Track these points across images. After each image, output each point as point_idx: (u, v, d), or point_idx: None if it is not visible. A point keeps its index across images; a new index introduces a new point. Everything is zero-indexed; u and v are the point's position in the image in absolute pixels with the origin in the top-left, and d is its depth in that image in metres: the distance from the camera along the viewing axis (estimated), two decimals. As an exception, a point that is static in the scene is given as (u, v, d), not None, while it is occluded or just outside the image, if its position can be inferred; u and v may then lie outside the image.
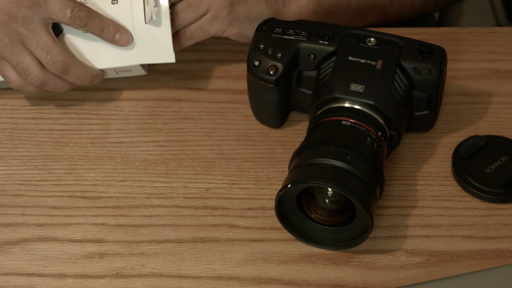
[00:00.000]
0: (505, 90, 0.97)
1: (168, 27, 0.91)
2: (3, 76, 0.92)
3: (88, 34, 0.91)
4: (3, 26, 0.89)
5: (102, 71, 0.93)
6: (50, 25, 0.90)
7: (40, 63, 0.90)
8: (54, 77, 0.91)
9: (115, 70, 0.94)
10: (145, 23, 0.91)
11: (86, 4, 0.91)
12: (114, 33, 0.91)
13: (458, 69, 0.99)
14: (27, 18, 0.88)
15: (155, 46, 0.92)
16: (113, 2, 0.92)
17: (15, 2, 0.88)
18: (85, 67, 0.91)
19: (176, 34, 0.94)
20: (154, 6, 0.90)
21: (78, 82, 0.92)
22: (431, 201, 0.87)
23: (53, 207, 0.88)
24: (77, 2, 0.90)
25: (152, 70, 0.99)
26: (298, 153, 0.82)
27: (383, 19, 1.05)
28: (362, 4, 1.02)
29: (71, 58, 0.90)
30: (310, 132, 0.85)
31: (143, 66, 0.95)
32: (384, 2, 1.03)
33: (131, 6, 0.92)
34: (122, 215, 0.87)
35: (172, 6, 0.92)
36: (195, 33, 0.95)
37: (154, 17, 0.90)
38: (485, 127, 0.93)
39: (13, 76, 0.91)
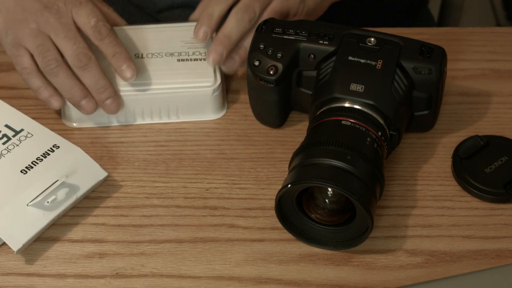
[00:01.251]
0: (505, 90, 0.97)
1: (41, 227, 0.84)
2: (15, 62, 0.91)
3: None
4: (35, 14, 0.90)
5: (117, 96, 0.91)
6: None
7: (60, 52, 0.90)
8: (68, 70, 0.90)
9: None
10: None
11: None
12: (122, 62, 0.90)
13: (458, 69, 0.99)
14: (61, 12, 0.90)
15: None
16: (23, 171, 0.86)
17: None
18: (102, 74, 0.90)
19: None
20: (48, 203, 0.84)
21: (89, 87, 0.90)
22: (431, 201, 0.87)
23: (53, 207, 0.88)
24: (104, 19, 0.91)
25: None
26: (298, 153, 0.82)
27: None
28: None
29: (94, 58, 0.90)
30: (310, 132, 0.85)
31: None
32: None
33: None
34: (122, 215, 0.87)
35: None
36: None
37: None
38: (485, 127, 0.93)
39: (26, 61, 0.90)
